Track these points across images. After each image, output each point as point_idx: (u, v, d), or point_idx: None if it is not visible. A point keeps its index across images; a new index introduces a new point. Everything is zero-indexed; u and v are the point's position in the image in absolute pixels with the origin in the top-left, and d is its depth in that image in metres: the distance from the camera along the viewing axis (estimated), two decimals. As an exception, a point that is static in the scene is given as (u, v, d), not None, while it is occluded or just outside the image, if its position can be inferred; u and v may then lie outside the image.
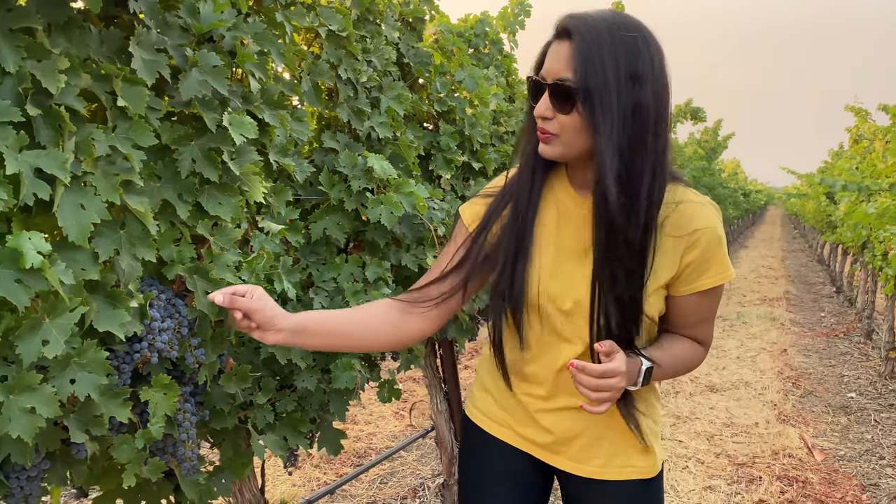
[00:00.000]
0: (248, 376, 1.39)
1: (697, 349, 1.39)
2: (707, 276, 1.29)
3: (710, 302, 1.34)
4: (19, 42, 0.95)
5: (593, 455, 1.40)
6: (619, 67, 1.14)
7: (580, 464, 1.41)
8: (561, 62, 1.17)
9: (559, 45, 1.19)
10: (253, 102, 1.34)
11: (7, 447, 0.97)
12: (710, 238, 1.27)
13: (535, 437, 1.43)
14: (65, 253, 1.01)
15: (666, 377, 1.37)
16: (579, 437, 1.40)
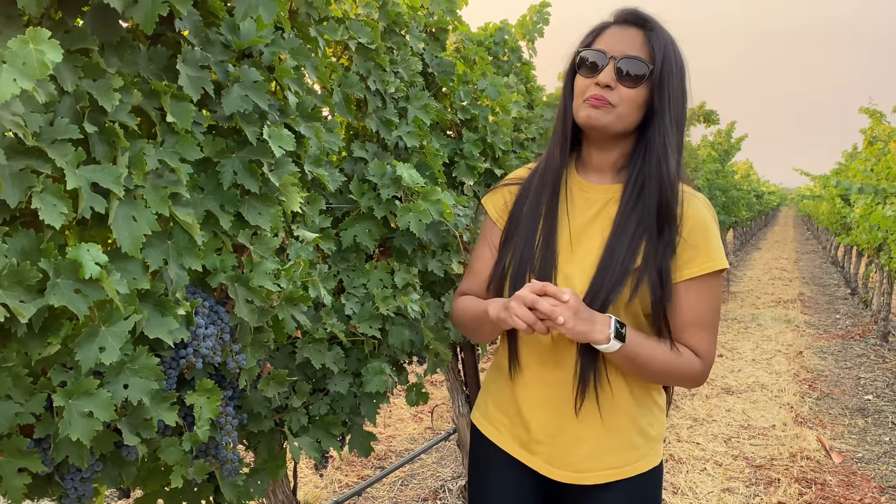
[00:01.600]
0: (285, 380, 1.43)
1: (691, 357, 1.36)
2: (695, 262, 1.33)
3: (702, 299, 1.35)
4: (77, 62, 0.99)
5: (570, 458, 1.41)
6: (679, 70, 1.35)
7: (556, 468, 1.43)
8: (634, 45, 1.32)
9: (626, 31, 1.34)
10: (290, 115, 1.38)
11: (65, 449, 1.02)
12: (705, 224, 1.35)
13: (521, 434, 1.46)
14: (118, 263, 1.05)
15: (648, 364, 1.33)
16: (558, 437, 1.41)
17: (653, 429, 1.44)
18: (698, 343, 1.36)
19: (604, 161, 1.42)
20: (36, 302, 0.90)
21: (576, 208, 1.43)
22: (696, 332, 1.36)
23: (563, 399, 1.41)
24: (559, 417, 1.42)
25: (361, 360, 1.70)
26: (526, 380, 1.45)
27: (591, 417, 1.40)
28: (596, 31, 1.38)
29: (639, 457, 1.42)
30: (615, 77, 1.31)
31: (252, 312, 1.28)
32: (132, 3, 1.03)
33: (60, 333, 0.97)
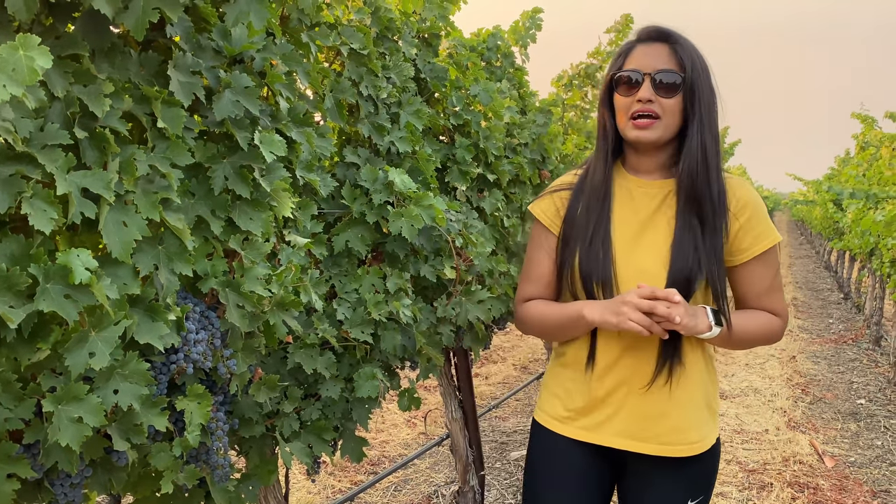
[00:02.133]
0: (277, 385, 1.43)
1: (772, 318, 1.55)
2: (758, 241, 1.51)
3: (768, 269, 1.53)
4: (67, 68, 1.00)
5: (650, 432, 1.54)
6: (706, 73, 1.50)
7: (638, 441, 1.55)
8: (662, 59, 1.48)
9: (653, 47, 1.50)
10: (281, 121, 1.38)
11: (55, 455, 1.01)
12: (755, 206, 1.52)
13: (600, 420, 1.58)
14: (108, 269, 1.05)
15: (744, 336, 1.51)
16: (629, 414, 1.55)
17: (714, 402, 1.61)
18: (774, 305, 1.56)
19: (652, 164, 1.57)
20: (25, 307, 0.90)
21: (636, 204, 1.57)
22: (770, 296, 1.55)
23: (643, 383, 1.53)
24: (635, 397, 1.54)
25: (353, 365, 1.70)
26: (604, 374, 1.56)
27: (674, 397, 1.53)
28: (624, 52, 1.54)
29: (707, 431, 1.57)
30: (653, 91, 1.47)
31: (243, 318, 1.28)
32: (123, 9, 1.03)
33: (50, 339, 0.97)
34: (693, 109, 1.48)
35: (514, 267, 2.27)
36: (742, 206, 1.51)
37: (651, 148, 1.54)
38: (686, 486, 1.57)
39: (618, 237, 1.55)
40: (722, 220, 1.49)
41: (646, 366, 1.53)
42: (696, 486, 1.58)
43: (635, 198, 1.57)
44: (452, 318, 2.01)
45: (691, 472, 1.57)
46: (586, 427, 1.60)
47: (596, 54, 4.30)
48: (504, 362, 6.85)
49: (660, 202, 1.55)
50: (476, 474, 2.91)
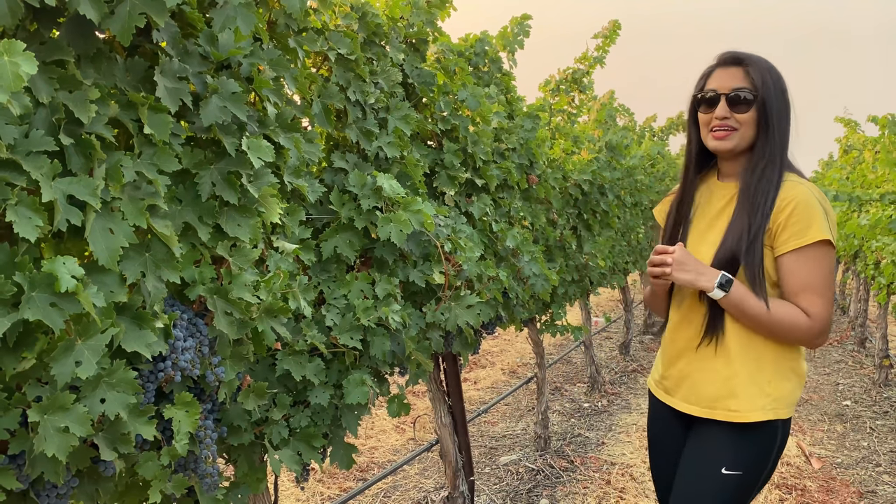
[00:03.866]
0: (265, 393, 1.42)
1: (800, 313, 1.65)
2: (797, 237, 1.63)
3: (805, 267, 1.64)
4: (52, 74, 0.99)
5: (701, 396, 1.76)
6: (778, 89, 1.70)
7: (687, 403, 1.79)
8: (736, 80, 1.70)
9: (728, 70, 1.72)
10: (269, 126, 1.38)
11: (41, 465, 1.00)
12: (798, 204, 1.64)
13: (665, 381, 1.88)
14: (94, 276, 1.04)
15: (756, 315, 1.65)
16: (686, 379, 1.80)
17: (771, 387, 1.70)
18: (809, 304, 1.64)
19: (732, 170, 1.79)
20: (10, 316, 0.89)
21: (712, 202, 1.82)
22: (806, 295, 1.64)
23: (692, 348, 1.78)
24: (690, 364, 1.79)
25: (342, 371, 1.69)
26: (669, 336, 1.87)
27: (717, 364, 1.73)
28: (705, 75, 1.77)
29: (757, 407, 1.69)
30: (728, 108, 1.69)
31: (231, 325, 1.27)
32: (109, 14, 1.02)
33: (35, 348, 0.96)
34: (765, 121, 1.69)
35: (502, 271, 2.27)
36: (786, 204, 1.66)
37: (730, 155, 1.76)
38: (725, 451, 1.71)
39: (693, 229, 1.83)
40: (764, 212, 1.67)
41: (693, 333, 1.78)
42: (734, 457, 1.70)
43: (714, 196, 1.82)
44: (441, 324, 2.00)
45: (734, 439, 1.71)
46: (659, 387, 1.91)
47: (583, 60, 4.31)
48: (493, 367, 6.85)
49: (728, 200, 1.77)
50: (466, 479, 2.90)
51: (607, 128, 5.04)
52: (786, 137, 1.72)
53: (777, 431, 1.72)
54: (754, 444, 1.71)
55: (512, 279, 2.60)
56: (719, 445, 1.72)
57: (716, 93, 1.71)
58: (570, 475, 3.98)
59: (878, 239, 5.22)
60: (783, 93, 1.71)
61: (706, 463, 1.72)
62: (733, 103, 1.69)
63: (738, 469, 1.69)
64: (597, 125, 5.07)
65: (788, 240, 1.65)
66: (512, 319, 2.86)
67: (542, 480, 3.90)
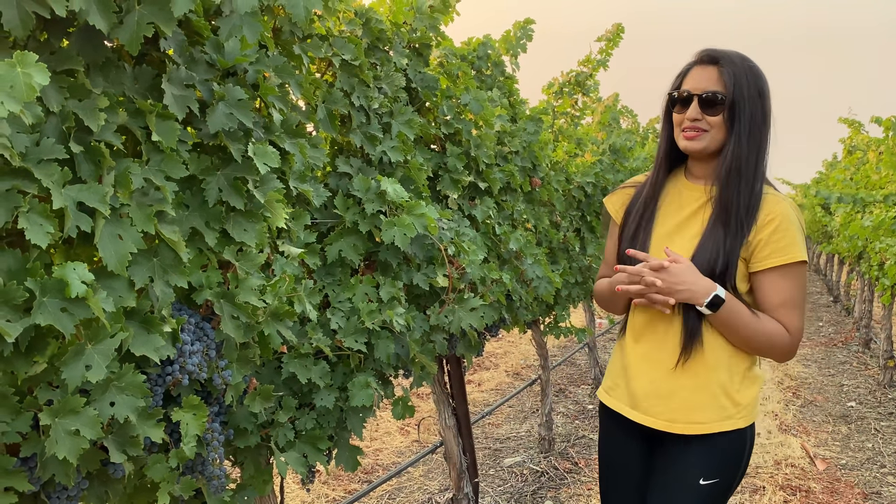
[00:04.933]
0: (271, 395, 1.44)
1: (781, 329, 1.63)
2: (777, 254, 1.61)
3: (784, 283, 1.63)
4: (62, 83, 1.01)
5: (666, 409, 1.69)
6: (752, 92, 1.63)
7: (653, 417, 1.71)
8: (711, 81, 1.64)
9: (704, 69, 1.66)
10: (274, 132, 1.39)
11: (52, 468, 1.02)
12: (782, 221, 1.62)
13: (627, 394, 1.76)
14: (104, 281, 1.06)
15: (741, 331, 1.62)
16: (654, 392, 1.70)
17: (740, 395, 1.68)
18: (787, 320, 1.63)
19: (704, 171, 1.74)
20: (22, 321, 0.91)
21: (681, 203, 1.76)
22: (784, 311, 1.63)
23: (661, 359, 1.70)
24: (657, 374, 1.71)
25: (347, 374, 1.71)
26: (632, 345, 1.77)
27: (685, 377, 1.67)
28: (682, 73, 1.72)
29: (724, 417, 1.66)
30: (700, 110, 1.64)
31: (238, 328, 1.29)
32: (117, 23, 1.04)
33: (47, 352, 0.97)
34: (734, 125, 1.63)
35: (506, 274, 2.28)
36: (769, 220, 1.63)
37: (701, 156, 1.71)
38: (700, 463, 1.67)
39: (658, 229, 1.75)
40: (747, 228, 1.63)
41: (665, 343, 1.69)
42: (710, 467, 1.67)
43: (682, 198, 1.76)
44: (445, 326, 2.02)
45: (705, 451, 1.67)
46: (618, 399, 1.80)
47: (586, 62, 4.32)
48: (496, 369, 6.86)
49: (701, 204, 1.72)
50: (470, 481, 2.92)
51: (611, 130, 5.06)
52: (761, 143, 1.66)
53: (746, 436, 1.70)
54: (727, 452, 1.68)
55: (515, 281, 2.61)
56: (695, 458, 1.68)
57: (689, 93, 1.66)
58: (574, 477, 3.99)
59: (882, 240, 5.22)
60: (760, 96, 1.65)
61: (683, 476, 1.68)
62: (705, 105, 1.64)
63: (715, 477, 1.67)
64: (600, 127, 5.08)
65: (770, 256, 1.62)
66: (515, 322, 2.87)
67: (547, 482, 3.91)
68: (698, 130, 1.65)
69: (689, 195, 1.75)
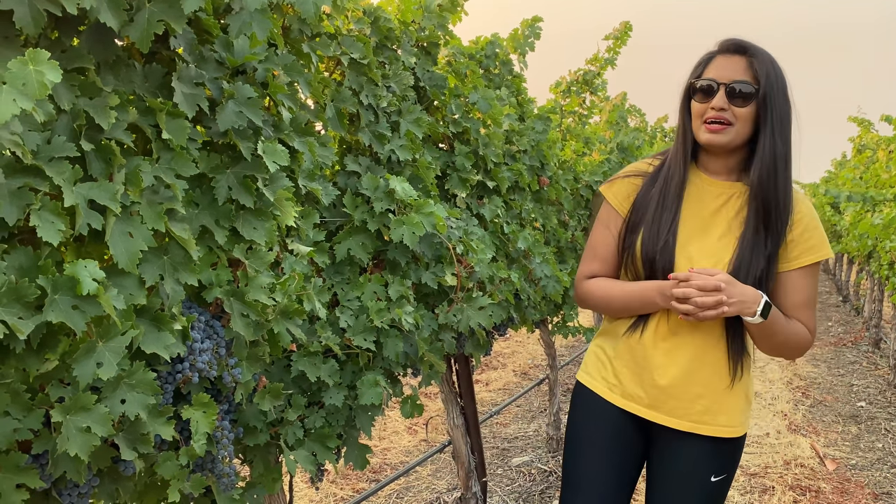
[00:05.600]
0: (281, 394, 1.44)
1: (804, 330, 1.62)
2: (809, 252, 1.59)
3: (808, 282, 1.61)
4: (73, 81, 1.01)
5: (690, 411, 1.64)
6: (781, 85, 1.58)
7: (677, 418, 1.65)
8: (739, 70, 1.56)
9: (731, 58, 1.58)
10: (283, 130, 1.39)
11: (63, 465, 1.02)
12: (810, 220, 1.61)
13: (643, 394, 1.68)
14: (114, 279, 1.06)
15: (778, 335, 1.58)
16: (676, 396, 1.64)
17: (749, 397, 1.69)
18: (807, 319, 1.62)
19: (721, 166, 1.67)
20: (34, 318, 0.91)
21: (704, 200, 1.68)
22: (805, 310, 1.62)
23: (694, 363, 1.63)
24: (685, 383, 1.63)
25: (356, 372, 1.71)
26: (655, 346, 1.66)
27: (714, 381, 1.63)
28: (704, 61, 1.63)
29: (741, 420, 1.66)
30: (727, 100, 1.56)
31: (248, 326, 1.29)
32: (128, 21, 1.04)
33: (58, 349, 0.97)
34: (765, 119, 1.56)
35: (514, 273, 2.28)
36: (800, 218, 1.60)
37: (721, 151, 1.63)
38: (711, 462, 1.66)
39: (683, 228, 1.66)
40: (785, 226, 1.59)
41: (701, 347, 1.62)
42: (720, 465, 1.67)
43: (703, 194, 1.68)
44: (454, 325, 2.02)
45: (716, 450, 1.66)
46: (628, 397, 1.71)
47: (594, 61, 4.32)
48: (504, 368, 6.86)
49: (724, 202, 1.65)
50: (478, 481, 2.91)
51: (619, 129, 5.05)
52: (790, 140, 1.60)
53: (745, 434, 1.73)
54: (733, 450, 1.69)
55: (523, 281, 2.61)
56: (707, 457, 1.66)
57: (714, 82, 1.57)
58: (582, 476, 3.98)
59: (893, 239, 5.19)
60: (785, 91, 1.59)
61: (696, 474, 1.66)
62: (732, 95, 1.56)
63: (723, 473, 1.68)
64: (608, 126, 5.07)
65: (800, 256, 1.59)
66: (524, 321, 2.87)
67: (555, 482, 3.90)
68: (724, 123, 1.57)
69: (709, 191, 1.67)
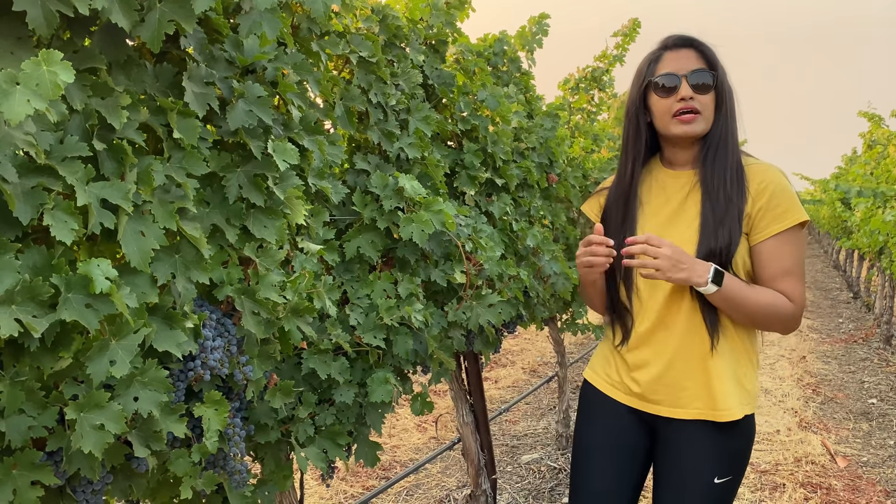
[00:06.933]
0: (292, 391, 1.45)
1: (784, 300, 1.60)
2: (780, 218, 1.58)
3: (788, 249, 1.59)
4: (85, 81, 1.02)
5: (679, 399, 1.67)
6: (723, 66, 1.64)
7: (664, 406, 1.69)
8: (691, 61, 1.63)
9: (680, 52, 1.65)
10: (293, 129, 1.40)
11: (77, 462, 1.03)
12: (776, 186, 1.60)
13: (632, 387, 1.73)
14: (127, 278, 1.07)
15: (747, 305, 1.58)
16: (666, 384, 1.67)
17: (746, 381, 1.67)
18: (790, 289, 1.60)
19: (687, 157, 1.71)
20: (48, 317, 0.92)
21: (667, 193, 1.72)
22: (786, 279, 1.60)
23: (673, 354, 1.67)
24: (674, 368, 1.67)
25: (366, 370, 1.71)
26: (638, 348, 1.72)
27: (702, 366, 1.64)
28: (654, 60, 1.68)
29: (734, 404, 1.63)
30: (691, 90, 1.60)
31: (258, 324, 1.30)
32: (139, 21, 1.05)
33: (72, 347, 0.98)
34: (721, 104, 1.63)
35: (523, 270, 2.28)
36: (763, 188, 1.60)
37: (687, 143, 1.68)
38: (713, 461, 1.65)
39: (649, 225, 1.71)
40: (739, 199, 1.60)
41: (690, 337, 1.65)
42: (722, 464, 1.65)
43: (667, 188, 1.72)
44: (463, 322, 2.02)
45: (718, 446, 1.65)
46: (629, 393, 1.75)
47: (602, 58, 4.31)
48: (513, 366, 6.86)
49: (689, 190, 1.68)
50: (488, 478, 2.92)
51: (627, 126, 5.02)
52: (735, 119, 1.66)
53: (752, 426, 1.69)
54: (737, 445, 1.66)
55: (532, 278, 2.60)
56: (709, 454, 1.65)
57: (675, 75, 1.62)
58: (592, 474, 3.97)
59: (904, 235, 5.16)
60: (727, 76, 1.66)
61: (698, 474, 1.65)
62: (696, 85, 1.61)
63: (727, 475, 1.65)
64: (616, 123, 5.06)
65: (770, 224, 1.59)
66: (533, 318, 2.87)
67: (565, 479, 3.90)
68: (694, 113, 1.61)
69: (673, 184, 1.72)
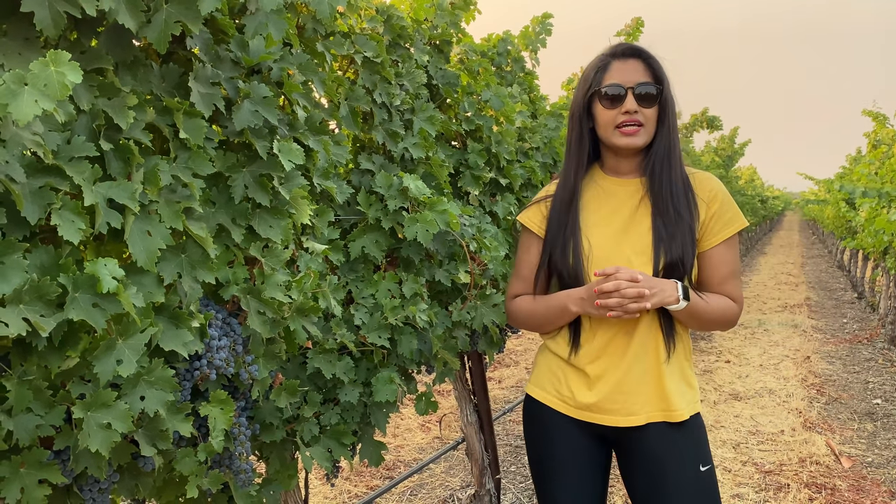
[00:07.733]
0: (297, 391, 1.45)
1: (730, 302, 1.66)
2: (728, 225, 1.65)
3: (732, 253, 1.66)
4: (92, 82, 1.02)
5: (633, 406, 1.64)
6: (668, 78, 1.65)
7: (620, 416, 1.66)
8: (639, 73, 1.63)
9: (627, 62, 1.64)
10: (299, 129, 1.40)
11: (84, 460, 1.04)
12: (724, 195, 1.67)
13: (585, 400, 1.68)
14: (134, 277, 1.07)
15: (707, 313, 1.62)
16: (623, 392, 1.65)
17: (690, 377, 1.71)
18: (735, 291, 1.67)
19: (631, 166, 1.72)
20: (56, 316, 0.92)
21: (616, 201, 1.71)
22: (732, 281, 1.67)
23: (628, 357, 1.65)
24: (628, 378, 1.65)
25: (371, 369, 1.72)
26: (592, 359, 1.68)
27: (652, 371, 1.65)
28: (601, 68, 1.67)
29: (686, 403, 1.66)
30: (636, 103, 1.61)
31: (264, 324, 1.30)
32: (146, 22, 1.06)
33: (79, 347, 0.99)
34: (664, 117, 1.65)
35: (527, 270, 2.28)
36: (713, 195, 1.66)
37: (631, 153, 1.68)
38: (689, 452, 1.65)
39: (598, 234, 1.68)
40: (693, 209, 1.64)
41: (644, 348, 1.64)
42: (699, 453, 1.66)
43: (615, 196, 1.72)
44: (467, 322, 2.02)
45: (686, 438, 1.65)
46: (581, 407, 1.70)
47: (605, 57, 4.30)
48: (517, 366, 6.85)
49: (640, 199, 1.69)
50: (492, 478, 2.92)
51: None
52: (677, 131, 1.68)
53: (701, 419, 1.71)
54: (699, 435, 1.67)
55: (537, 278, 2.60)
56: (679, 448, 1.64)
57: (622, 87, 1.61)
58: (596, 474, 3.97)
59: (908, 235, 5.15)
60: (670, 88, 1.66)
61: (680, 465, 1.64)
62: (640, 98, 1.61)
63: (709, 463, 1.66)
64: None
65: (721, 229, 1.64)
66: (537, 318, 2.86)
67: (568, 479, 3.89)
68: (638, 125, 1.62)
69: (621, 192, 1.71)
